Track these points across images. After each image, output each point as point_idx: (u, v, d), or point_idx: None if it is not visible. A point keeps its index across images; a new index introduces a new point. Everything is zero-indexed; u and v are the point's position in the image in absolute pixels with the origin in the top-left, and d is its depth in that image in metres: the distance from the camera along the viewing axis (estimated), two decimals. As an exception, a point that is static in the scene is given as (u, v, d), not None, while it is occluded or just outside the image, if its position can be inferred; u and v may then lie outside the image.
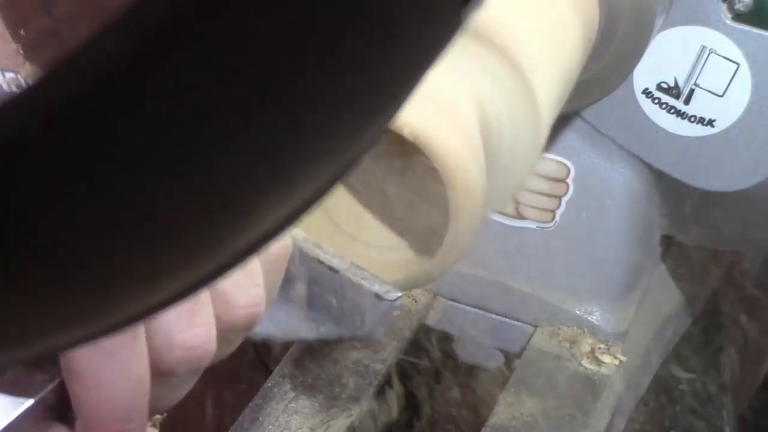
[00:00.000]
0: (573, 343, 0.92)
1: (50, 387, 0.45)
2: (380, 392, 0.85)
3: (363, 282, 0.58)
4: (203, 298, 0.48)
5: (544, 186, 0.92)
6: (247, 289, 0.50)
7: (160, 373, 0.47)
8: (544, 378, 0.88)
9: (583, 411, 0.85)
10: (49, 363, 0.45)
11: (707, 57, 0.86)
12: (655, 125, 0.89)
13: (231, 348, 0.53)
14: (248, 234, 0.26)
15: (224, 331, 0.50)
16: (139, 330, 0.46)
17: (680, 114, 0.88)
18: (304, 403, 0.81)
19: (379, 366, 0.86)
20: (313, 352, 0.85)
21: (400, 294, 0.58)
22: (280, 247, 0.53)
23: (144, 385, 0.46)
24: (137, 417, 0.46)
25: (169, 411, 0.52)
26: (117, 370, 0.45)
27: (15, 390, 0.44)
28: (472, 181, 0.60)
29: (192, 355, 0.48)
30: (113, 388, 0.45)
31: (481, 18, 0.66)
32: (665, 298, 1.04)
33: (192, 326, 0.47)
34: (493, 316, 0.96)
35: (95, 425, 0.46)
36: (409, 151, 0.61)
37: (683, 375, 1.17)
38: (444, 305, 0.96)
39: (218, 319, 0.49)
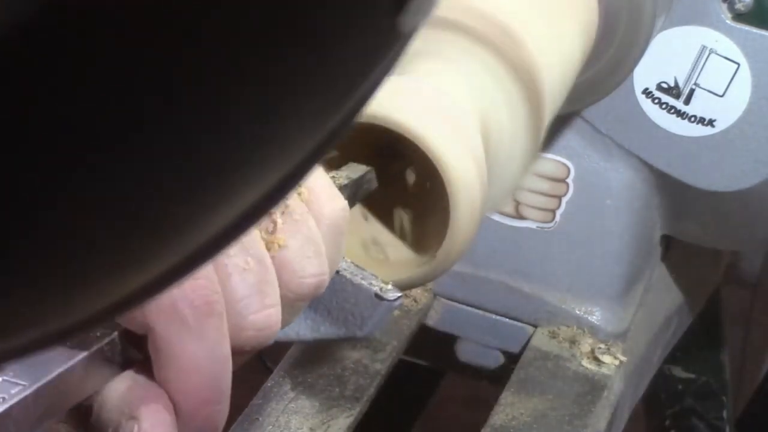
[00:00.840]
0: (573, 343, 0.92)
1: (106, 340, 0.45)
2: (380, 392, 0.85)
3: (363, 282, 0.58)
4: (271, 278, 0.49)
5: (544, 186, 0.92)
6: (312, 258, 0.51)
7: (231, 352, 0.48)
8: (544, 378, 0.88)
9: (583, 411, 0.85)
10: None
11: (707, 57, 0.86)
12: (655, 125, 0.89)
13: (291, 319, 0.53)
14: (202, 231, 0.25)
15: (293, 300, 0.51)
16: (223, 311, 0.46)
17: (680, 114, 0.88)
18: (304, 403, 0.81)
19: (379, 366, 0.86)
20: (313, 352, 0.85)
21: (400, 294, 0.58)
22: (339, 210, 0.53)
23: (229, 366, 0.47)
24: (225, 398, 0.47)
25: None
26: (209, 352, 0.46)
27: (73, 343, 0.44)
28: (472, 181, 0.60)
29: (261, 335, 0.49)
30: (205, 371, 0.46)
31: (480, 17, 0.66)
32: (665, 298, 1.04)
33: (264, 307, 0.48)
34: (493, 316, 0.96)
35: (187, 408, 0.46)
36: (408, 150, 0.61)
37: (683, 375, 1.17)
38: (444, 305, 0.96)
39: (287, 290, 0.50)
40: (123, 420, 0.45)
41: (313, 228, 0.52)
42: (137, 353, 0.47)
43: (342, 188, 0.58)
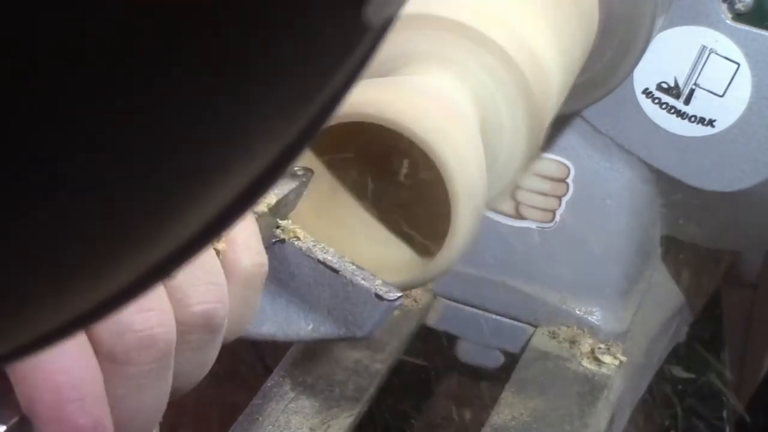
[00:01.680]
0: (573, 343, 0.92)
1: (15, 419, 0.44)
2: (380, 392, 0.85)
3: (363, 282, 0.58)
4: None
5: (544, 186, 0.92)
6: (199, 286, 0.48)
7: (116, 362, 0.46)
8: (544, 378, 0.88)
9: (583, 411, 0.85)
10: (10, 398, 0.44)
11: (707, 57, 0.86)
12: (655, 125, 0.89)
13: (205, 356, 0.51)
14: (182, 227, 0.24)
15: (184, 332, 0.48)
16: None
17: (680, 114, 0.88)
18: (304, 403, 0.81)
19: (379, 366, 0.86)
20: (313, 352, 0.85)
21: (400, 294, 0.58)
22: (256, 265, 0.52)
23: (88, 363, 0.44)
24: (88, 396, 0.44)
25: (169, 411, 0.52)
26: (58, 350, 0.43)
27: None
28: (472, 181, 0.60)
29: (143, 339, 0.46)
30: (53, 367, 0.43)
31: (478, 17, 0.66)
32: (665, 298, 1.04)
33: (141, 310, 0.46)
34: (493, 316, 0.96)
35: (43, 410, 0.44)
36: (409, 150, 0.61)
37: (683, 375, 1.17)
38: (444, 305, 0.96)
39: (176, 321, 0.47)
40: None
41: (206, 255, 0.49)
42: None
43: (258, 217, 0.56)
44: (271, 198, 0.59)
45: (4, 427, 0.44)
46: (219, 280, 0.50)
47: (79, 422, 0.44)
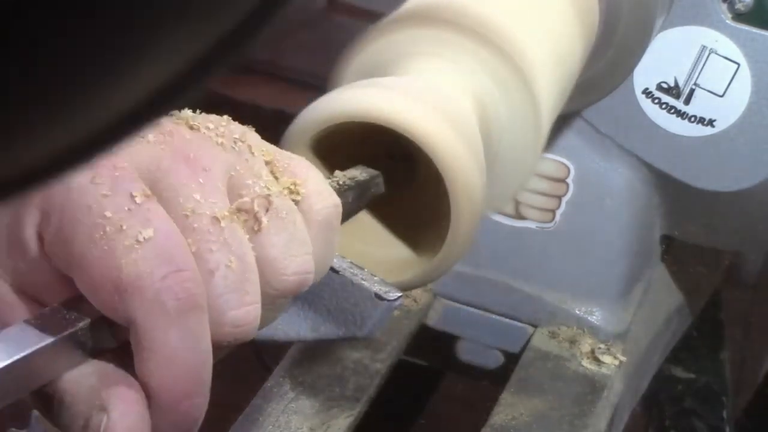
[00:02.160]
0: (573, 343, 0.92)
1: (80, 325, 0.45)
2: (380, 392, 0.85)
3: (363, 282, 0.58)
4: (252, 275, 0.49)
5: (544, 186, 0.92)
6: (297, 257, 0.51)
7: None
8: (544, 378, 0.88)
9: (583, 411, 0.85)
10: (85, 303, 0.46)
11: (707, 57, 0.86)
12: (655, 125, 0.89)
13: (275, 315, 0.53)
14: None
15: (275, 297, 0.51)
16: (206, 305, 0.46)
17: (680, 114, 0.88)
18: (304, 403, 0.81)
19: (379, 366, 0.86)
20: (313, 352, 0.85)
21: (400, 294, 0.58)
22: (330, 206, 0.54)
23: (210, 360, 0.47)
24: (205, 392, 0.47)
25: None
26: (191, 345, 0.46)
27: (46, 326, 0.44)
28: (472, 181, 0.60)
29: (239, 331, 0.48)
30: (187, 363, 0.46)
31: (481, 17, 0.66)
32: (665, 298, 1.04)
33: (242, 304, 0.48)
34: (493, 316, 0.96)
35: (167, 401, 0.46)
36: (408, 150, 0.61)
37: (683, 375, 1.17)
38: (444, 305, 0.96)
39: (269, 286, 0.50)
40: (93, 412, 0.45)
41: (300, 225, 0.52)
42: (111, 341, 0.47)
43: (347, 189, 0.58)
44: (356, 174, 0.60)
45: (70, 331, 0.45)
46: (310, 250, 0.52)
47: (195, 416, 0.47)
